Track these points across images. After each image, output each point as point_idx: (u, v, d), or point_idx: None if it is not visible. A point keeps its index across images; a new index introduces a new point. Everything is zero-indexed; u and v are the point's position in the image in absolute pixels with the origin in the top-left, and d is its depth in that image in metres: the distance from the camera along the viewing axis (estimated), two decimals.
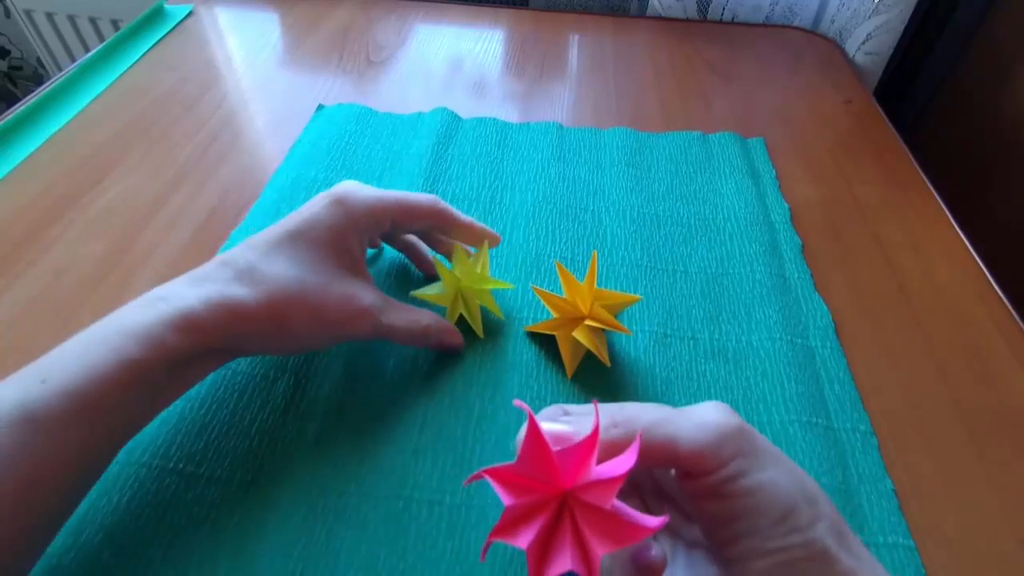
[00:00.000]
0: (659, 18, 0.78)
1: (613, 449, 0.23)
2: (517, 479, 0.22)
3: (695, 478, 0.23)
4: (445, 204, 0.37)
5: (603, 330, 0.38)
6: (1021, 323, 0.42)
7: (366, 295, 0.33)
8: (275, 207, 0.48)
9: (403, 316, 0.34)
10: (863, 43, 0.70)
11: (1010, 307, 0.43)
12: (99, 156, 0.53)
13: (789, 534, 0.21)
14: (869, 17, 0.68)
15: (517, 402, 0.23)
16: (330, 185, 0.51)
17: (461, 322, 0.39)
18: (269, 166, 0.53)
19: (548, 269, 0.44)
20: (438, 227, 0.38)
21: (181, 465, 0.33)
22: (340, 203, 0.33)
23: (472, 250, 0.40)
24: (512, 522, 0.22)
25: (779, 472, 0.22)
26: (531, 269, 0.44)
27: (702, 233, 0.47)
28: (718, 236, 0.47)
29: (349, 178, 0.51)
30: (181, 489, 0.32)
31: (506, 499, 0.22)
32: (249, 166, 0.53)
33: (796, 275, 0.44)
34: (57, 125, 0.56)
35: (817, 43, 0.73)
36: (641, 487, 0.28)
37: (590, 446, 0.22)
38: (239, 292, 0.30)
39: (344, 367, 0.37)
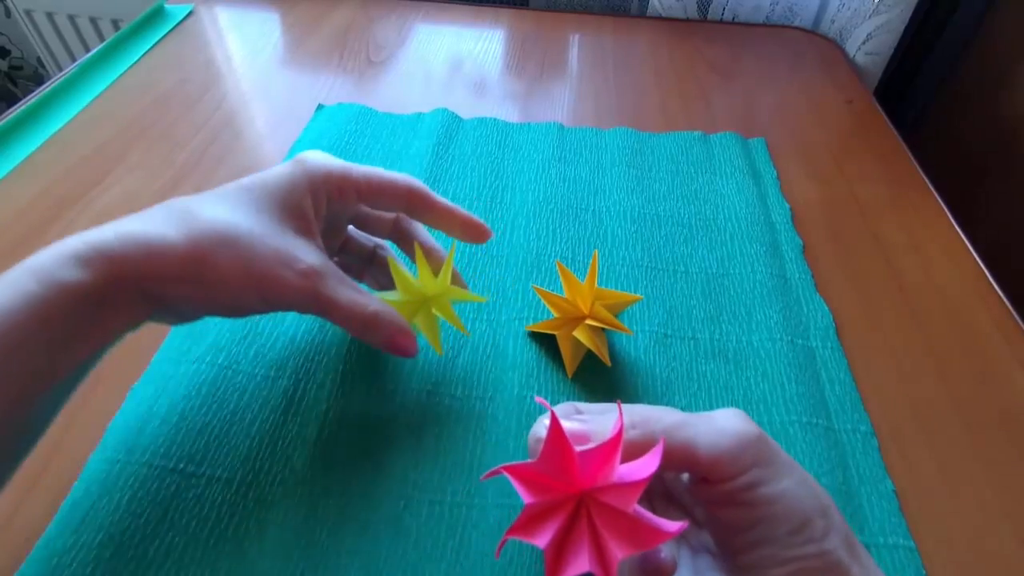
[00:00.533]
0: (659, 18, 0.78)
1: (631, 451, 0.23)
2: (536, 477, 0.22)
3: (712, 484, 0.23)
4: (422, 184, 0.33)
5: (604, 330, 0.38)
6: (1021, 323, 0.42)
7: (309, 256, 0.29)
8: None
9: (348, 293, 0.30)
10: (863, 43, 0.70)
11: (1010, 307, 0.43)
12: (99, 156, 0.53)
13: (805, 544, 0.22)
14: (869, 17, 0.68)
15: (539, 399, 0.23)
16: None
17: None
18: (269, 166, 0.52)
19: (549, 269, 0.44)
20: (413, 211, 0.33)
21: (182, 465, 0.33)
22: (299, 162, 0.31)
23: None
24: (530, 520, 0.22)
25: (796, 482, 0.23)
26: (532, 269, 0.44)
27: (703, 233, 0.47)
28: (719, 236, 0.47)
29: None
30: (182, 489, 0.32)
31: (526, 497, 0.22)
32: (249, 166, 0.53)
33: (797, 275, 0.44)
34: (57, 125, 0.56)
35: (817, 43, 0.73)
36: (650, 490, 0.28)
37: (613, 447, 0.22)
38: (162, 229, 0.27)
39: (345, 367, 0.37)
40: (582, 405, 0.27)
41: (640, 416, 0.24)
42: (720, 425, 0.23)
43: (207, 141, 0.55)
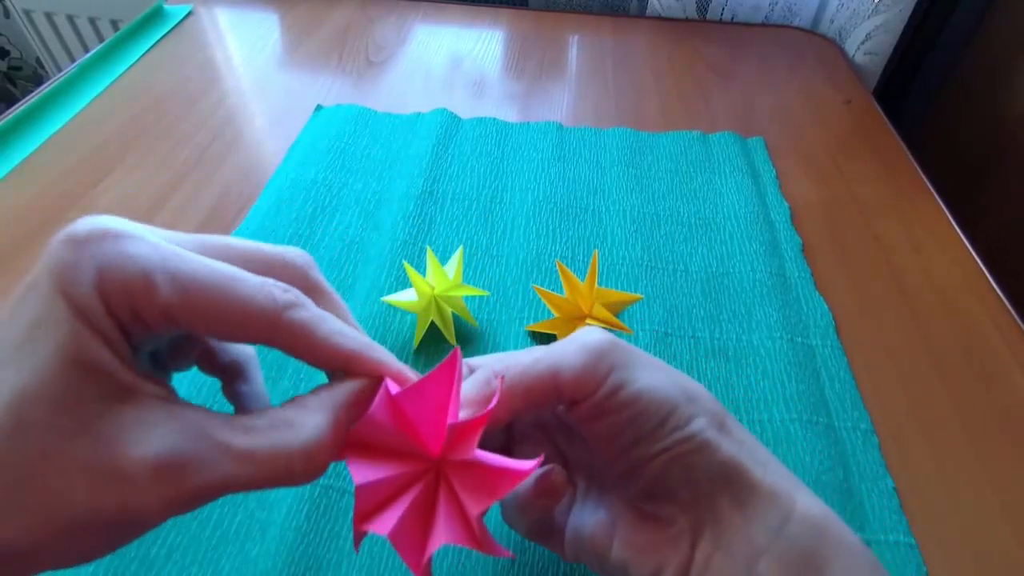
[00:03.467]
0: (659, 18, 0.78)
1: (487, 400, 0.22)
2: (382, 454, 0.19)
3: (581, 404, 0.23)
4: (296, 311, 0.19)
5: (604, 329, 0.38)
6: (1020, 322, 0.42)
7: (149, 434, 0.17)
8: (275, 207, 0.48)
9: (259, 441, 0.18)
10: (863, 43, 0.70)
11: (1009, 306, 0.43)
12: (99, 156, 0.53)
13: (672, 433, 0.22)
14: (869, 17, 0.68)
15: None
16: (329, 186, 0.51)
17: (433, 331, 0.38)
18: (269, 166, 0.53)
19: (549, 268, 0.44)
20: (282, 348, 0.19)
21: None
22: (61, 289, 0.16)
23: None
24: (377, 505, 0.19)
25: (656, 376, 0.23)
26: (532, 268, 0.44)
27: (702, 232, 0.47)
28: (718, 235, 0.47)
29: (349, 179, 0.52)
30: None
31: (358, 477, 0.18)
32: (249, 166, 0.53)
33: (796, 274, 0.44)
34: (57, 125, 0.56)
35: (817, 43, 0.73)
36: (552, 433, 0.27)
37: (444, 405, 0.19)
38: None
39: None
40: (472, 360, 0.25)
41: (503, 364, 0.23)
42: (574, 343, 0.23)
43: (206, 141, 0.55)
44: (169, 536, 0.30)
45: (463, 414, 0.22)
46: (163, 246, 0.17)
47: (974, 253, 0.47)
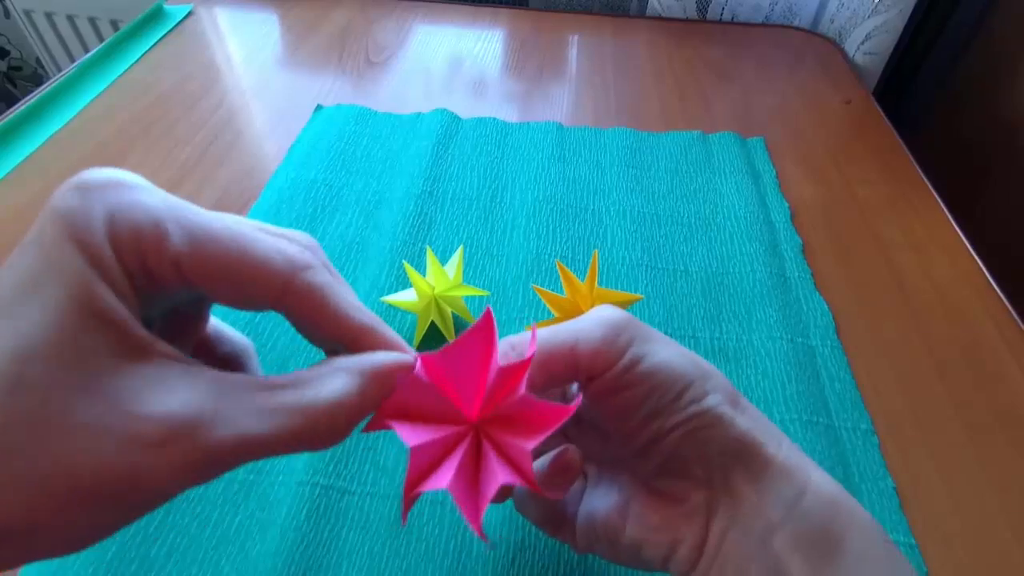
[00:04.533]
0: (659, 18, 0.78)
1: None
2: (422, 420, 0.20)
3: (598, 379, 0.23)
4: (311, 260, 0.18)
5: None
6: (1020, 323, 0.42)
7: (165, 395, 0.16)
8: (275, 207, 0.48)
9: (273, 389, 0.17)
10: (862, 43, 0.70)
11: (1009, 306, 0.43)
12: (99, 156, 0.53)
13: (688, 407, 0.22)
14: (868, 17, 0.68)
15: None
16: (329, 186, 0.51)
17: (433, 331, 0.38)
18: (269, 166, 0.53)
19: (549, 268, 0.44)
20: (289, 313, 0.19)
21: None
22: (71, 234, 0.15)
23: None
24: (426, 469, 0.19)
25: (672, 352, 0.23)
26: (532, 268, 0.44)
27: (702, 233, 0.47)
28: (718, 236, 0.47)
29: (349, 179, 0.52)
30: None
31: (410, 440, 0.19)
32: (249, 166, 0.53)
33: (796, 274, 0.44)
34: (57, 125, 0.56)
35: (817, 43, 0.73)
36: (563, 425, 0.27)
37: (483, 370, 0.20)
38: None
39: None
40: (514, 339, 0.24)
41: (519, 338, 0.24)
42: (592, 321, 0.23)
43: (207, 141, 0.55)
44: (169, 536, 0.30)
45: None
46: (173, 199, 0.17)
47: (974, 253, 0.47)
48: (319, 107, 0.59)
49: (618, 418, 0.23)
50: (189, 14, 0.73)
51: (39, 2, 1.03)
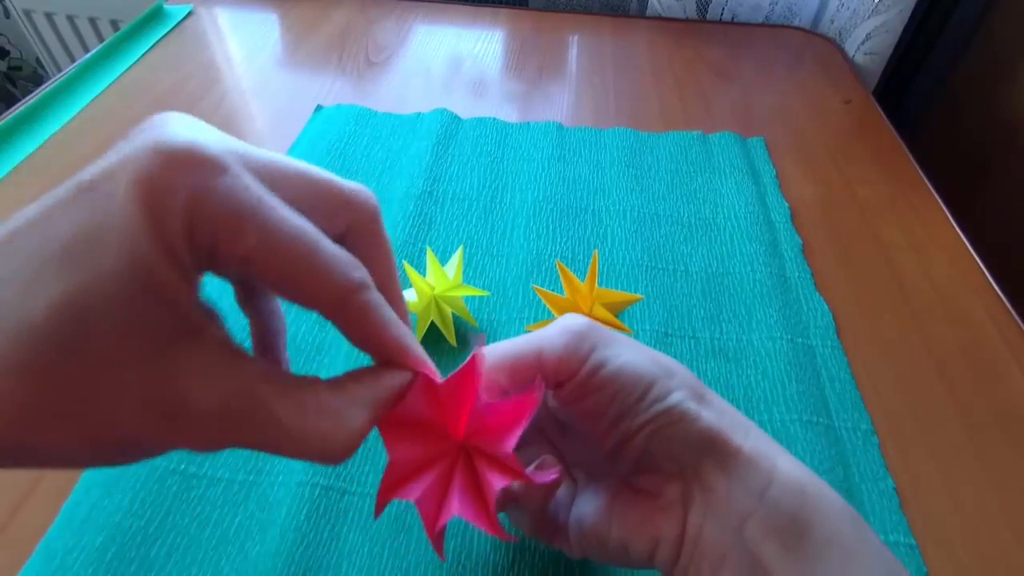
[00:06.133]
0: (659, 18, 0.78)
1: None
2: (412, 433, 0.21)
3: (566, 386, 0.24)
4: (364, 295, 0.19)
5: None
6: (1020, 323, 0.42)
7: (210, 384, 0.16)
8: None
9: (302, 410, 0.18)
10: (863, 43, 0.70)
11: (1009, 306, 0.43)
12: (99, 156, 0.53)
13: (652, 405, 0.23)
14: (869, 17, 0.68)
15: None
16: None
17: (433, 331, 0.39)
18: None
19: (549, 269, 0.44)
20: (337, 321, 0.19)
21: (183, 466, 0.33)
22: (149, 207, 0.15)
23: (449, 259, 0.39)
24: (402, 478, 0.21)
25: (634, 354, 0.24)
26: (532, 268, 0.44)
27: (702, 233, 0.47)
28: (718, 236, 0.47)
29: (349, 179, 0.51)
30: (183, 489, 0.32)
31: (393, 453, 0.21)
32: None
33: (796, 274, 0.44)
34: (57, 125, 0.56)
35: (817, 43, 0.73)
36: (550, 434, 0.28)
37: (469, 396, 0.21)
38: None
39: (346, 365, 0.37)
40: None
41: (493, 353, 0.24)
42: (556, 329, 0.24)
43: None
44: (169, 537, 0.30)
45: None
46: (254, 187, 0.17)
47: (974, 253, 0.47)
48: (319, 107, 0.59)
49: (588, 421, 0.24)
50: (189, 14, 0.73)
51: (39, 2, 1.03)
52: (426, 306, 0.37)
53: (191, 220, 0.16)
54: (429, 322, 0.38)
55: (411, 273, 0.37)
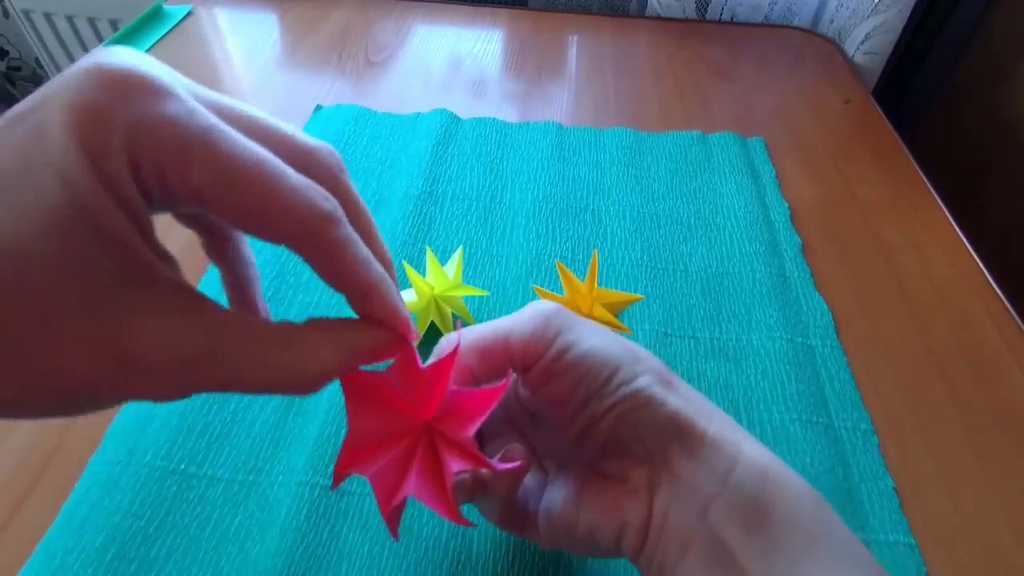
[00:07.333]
0: (658, 18, 0.78)
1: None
2: (380, 400, 0.21)
3: (533, 369, 0.24)
4: (332, 229, 0.17)
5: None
6: (1020, 322, 0.42)
7: (166, 328, 0.15)
8: None
9: (270, 343, 0.17)
10: (862, 43, 0.70)
11: (1009, 306, 0.43)
12: None
13: (618, 389, 0.23)
14: (868, 17, 0.68)
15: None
16: None
17: (433, 331, 0.39)
18: None
19: (549, 268, 0.44)
20: (306, 257, 0.18)
21: (183, 466, 0.33)
22: (84, 139, 0.14)
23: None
24: (361, 454, 0.21)
25: (600, 338, 0.24)
26: (532, 268, 0.44)
27: (702, 232, 0.47)
28: (718, 235, 0.47)
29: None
30: (183, 489, 0.32)
31: (352, 420, 0.21)
32: None
33: (796, 274, 0.44)
34: None
35: (816, 43, 0.73)
36: (520, 426, 0.28)
37: (442, 380, 0.21)
38: None
39: None
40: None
41: (446, 341, 0.25)
42: (525, 314, 0.25)
43: None
44: (169, 537, 0.30)
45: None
46: (203, 113, 0.15)
47: (974, 253, 0.47)
48: (319, 107, 0.59)
49: (556, 405, 0.24)
50: (189, 14, 0.73)
51: (38, 2, 1.03)
52: (426, 306, 0.37)
53: (135, 151, 0.14)
54: (429, 322, 0.38)
55: (411, 273, 0.37)
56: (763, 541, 0.21)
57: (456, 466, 0.20)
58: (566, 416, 0.24)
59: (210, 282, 0.41)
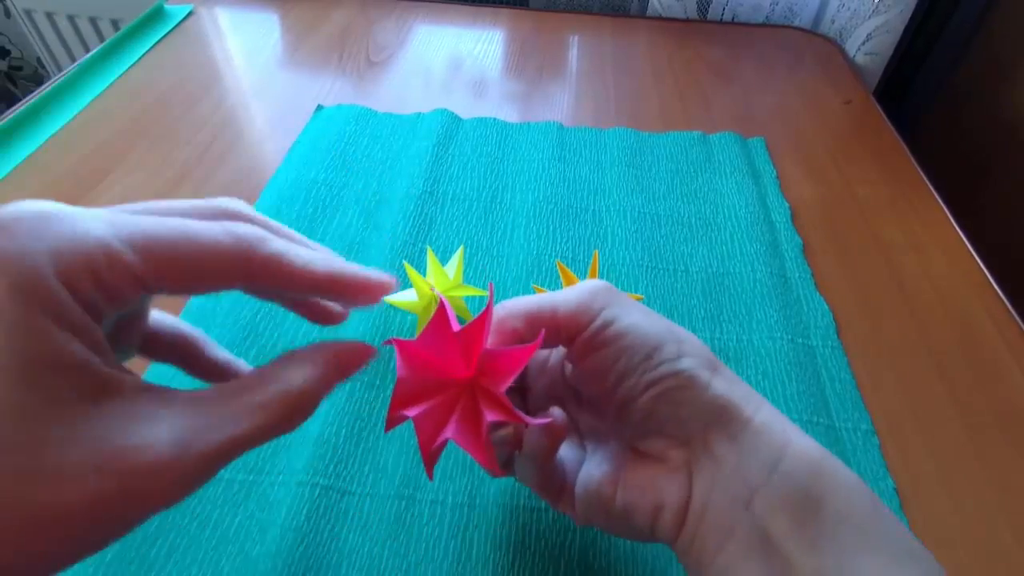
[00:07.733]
0: (659, 18, 0.78)
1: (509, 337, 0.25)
2: (426, 360, 0.23)
3: (576, 341, 0.24)
4: (258, 233, 0.19)
5: None
6: (1021, 322, 0.42)
7: (152, 427, 0.16)
8: (275, 208, 0.48)
9: (242, 411, 0.17)
10: (863, 43, 0.70)
11: (1009, 306, 0.43)
12: (99, 156, 0.53)
13: (659, 366, 0.23)
14: (869, 17, 0.68)
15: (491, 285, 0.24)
16: (330, 186, 0.51)
17: None
18: (269, 167, 0.53)
19: (549, 269, 0.44)
20: (258, 286, 0.19)
21: None
22: (12, 284, 0.14)
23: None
24: (411, 398, 0.23)
25: (645, 316, 0.25)
26: (532, 268, 0.44)
27: (703, 233, 0.47)
28: (719, 236, 0.47)
29: (349, 179, 0.51)
30: None
31: (401, 371, 0.23)
32: (249, 167, 0.53)
33: (797, 274, 0.44)
34: (57, 125, 0.56)
35: (817, 43, 0.73)
36: (563, 403, 0.28)
37: (480, 329, 0.23)
38: None
39: None
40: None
41: (507, 308, 0.25)
42: (572, 290, 0.25)
43: (207, 141, 0.55)
44: (169, 536, 0.30)
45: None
46: (106, 215, 0.16)
47: (974, 253, 0.47)
48: (319, 107, 0.59)
49: (595, 379, 0.24)
50: (189, 14, 0.73)
51: (40, 2, 1.03)
52: (426, 306, 0.37)
53: (66, 274, 0.15)
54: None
55: (411, 273, 0.37)
56: (813, 534, 0.20)
57: (491, 416, 0.22)
58: (605, 390, 0.24)
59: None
